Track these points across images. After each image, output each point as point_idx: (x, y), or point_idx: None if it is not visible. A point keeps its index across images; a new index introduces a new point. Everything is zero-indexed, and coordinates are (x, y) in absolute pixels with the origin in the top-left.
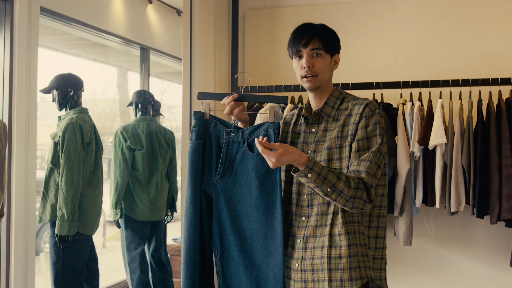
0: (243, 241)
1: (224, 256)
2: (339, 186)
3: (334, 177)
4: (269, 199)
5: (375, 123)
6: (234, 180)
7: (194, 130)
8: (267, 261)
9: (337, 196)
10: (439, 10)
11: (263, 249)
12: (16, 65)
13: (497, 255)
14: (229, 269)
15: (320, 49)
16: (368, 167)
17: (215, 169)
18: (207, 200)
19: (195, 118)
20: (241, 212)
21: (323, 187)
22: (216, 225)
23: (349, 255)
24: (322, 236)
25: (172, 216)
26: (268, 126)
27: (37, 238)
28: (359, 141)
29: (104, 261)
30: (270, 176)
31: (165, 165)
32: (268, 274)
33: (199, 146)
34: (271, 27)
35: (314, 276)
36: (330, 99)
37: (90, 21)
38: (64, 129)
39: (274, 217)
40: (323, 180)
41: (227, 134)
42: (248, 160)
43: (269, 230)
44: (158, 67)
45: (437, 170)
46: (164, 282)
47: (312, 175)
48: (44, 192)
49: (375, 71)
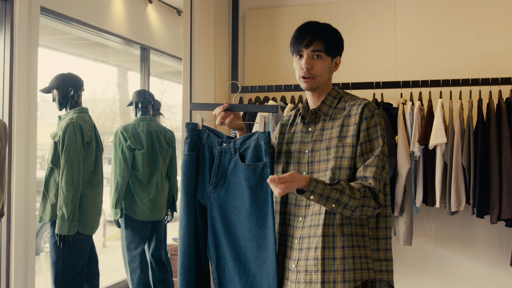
0: (237, 251)
1: (220, 265)
2: (343, 200)
3: (337, 193)
4: (261, 209)
5: (375, 124)
6: (227, 190)
7: (186, 142)
8: (261, 270)
9: (342, 209)
10: (439, 10)
11: (256, 259)
12: (16, 65)
13: (497, 255)
14: (225, 278)
15: (321, 52)
16: (374, 172)
17: (208, 179)
18: (202, 210)
19: (187, 129)
20: (235, 222)
21: (327, 205)
22: (211, 235)
23: (343, 257)
24: (316, 237)
25: (172, 216)
26: (258, 135)
27: (37, 238)
28: (362, 145)
29: (104, 261)
30: (261, 186)
31: (165, 164)
32: (263, 284)
33: (192, 157)
34: (271, 27)
35: (306, 277)
36: (327, 98)
37: (90, 21)
38: (64, 129)
39: (267, 227)
40: (326, 199)
41: (219, 144)
42: (239, 170)
43: (262, 239)
44: (158, 66)
45: (437, 170)
46: (164, 282)
47: (314, 197)
48: (44, 192)
49: (375, 71)
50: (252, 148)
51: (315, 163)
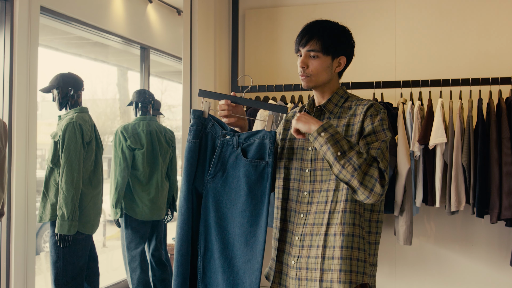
0: (225, 244)
1: (206, 256)
2: (350, 154)
3: (347, 144)
4: (256, 207)
5: (381, 119)
6: (225, 182)
7: (192, 128)
8: (245, 267)
9: (345, 162)
10: (439, 10)
11: (242, 255)
12: (16, 65)
13: (497, 255)
14: (210, 269)
15: (316, 51)
16: (379, 154)
17: (208, 168)
18: (198, 198)
19: (193, 116)
20: (227, 215)
21: (334, 148)
22: (203, 224)
23: (340, 257)
24: (319, 235)
25: (172, 216)
26: (264, 134)
27: (37, 238)
28: (367, 137)
29: (104, 261)
30: (260, 184)
31: (165, 164)
32: (245, 281)
33: (195, 145)
34: (271, 27)
35: (308, 274)
36: (334, 97)
37: (90, 21)
38: (64, 129)
39: (258, 225)
40: (335, 143)
41: (223, 136)
42: (240, 165)
43: (251, 237)
44: (158, 66)
45: (437, 170)
46: (164, 282)
47: (325, 133)
48: (44, 192)
49: (375, 71)
50: (256, 145)
51: (318, 160)
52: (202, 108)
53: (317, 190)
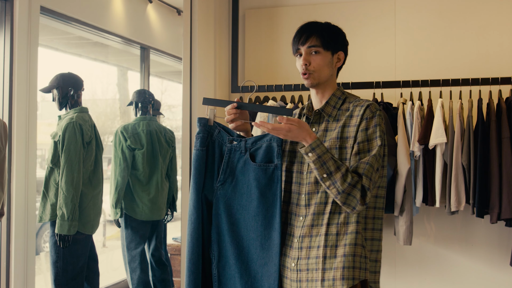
0: (240, 249)
1: (221, 263)
2: (335, 177)
3: (334, 165)
4: (268, 210)
5: (375, 125)
6: (235, 188)
7: (198, 137)
8: (262, 271)
9: (330, 185)
10: (439, 10)
11: (259, 259)
12: (16, 65)
13: (497, 255)
14: (225, 275)
15: (318, 46)
16: (367, 170)
17: (216, 175)
18: (208, 206)
19: (199, 124)
20: (240, 220)
21: (320, 171)
22: (215, 232)
23: (343, 254)
24: (318, 236)
25: (172, 216)
26: (271, 137)
27: (37, 238)
28: (360, 144)
29: (104, 261)
30: (271, 187)
31: (165, 164)
32: (263, 284)
33: (203, 152)
34: (271, 27)
35: (308, 276)
36: (331, 99)
37: (90, 21)
38: (64, 129)
39: (273, 228)
40: (322, 164)
41: (230, 142)
42: (249, 170)
43: (266, 240)
44: (158, 66)
45: (437, 170)
46: (164, 282)
47: (312, 155)
48: (44, 192)
49: (375, 71)
50: (264, 148)
51: None
52: (207, 116)
53: (315, 192)
